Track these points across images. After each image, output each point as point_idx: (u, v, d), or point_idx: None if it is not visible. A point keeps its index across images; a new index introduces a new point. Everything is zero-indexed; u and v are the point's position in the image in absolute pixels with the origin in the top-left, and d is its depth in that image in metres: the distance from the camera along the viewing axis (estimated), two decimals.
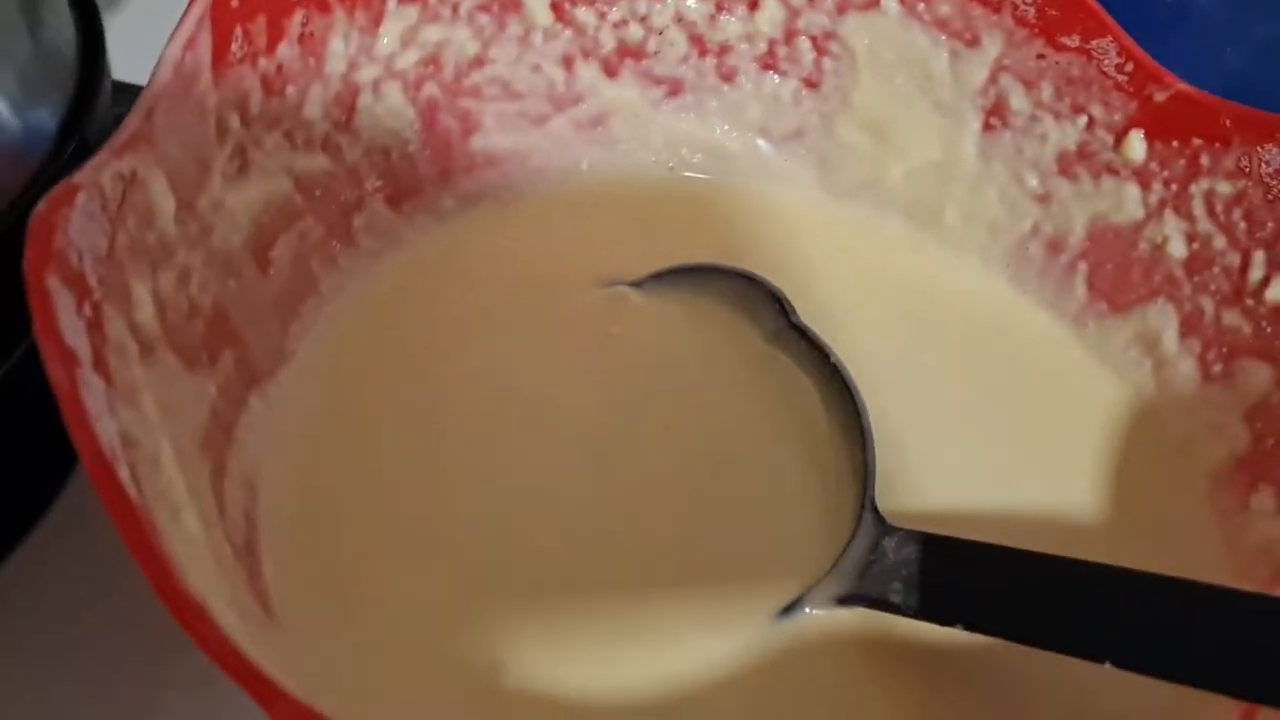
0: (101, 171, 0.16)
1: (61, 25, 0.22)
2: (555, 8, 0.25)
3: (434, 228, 0.25)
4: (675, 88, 0.27)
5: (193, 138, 0.19)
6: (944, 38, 0.26)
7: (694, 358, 0.24)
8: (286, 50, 0.21)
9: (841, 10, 0.26)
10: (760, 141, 0.28)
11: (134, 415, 0.15)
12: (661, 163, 0.27)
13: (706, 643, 0.21)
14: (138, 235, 0.17)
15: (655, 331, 0.25)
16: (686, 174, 0.28)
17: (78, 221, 0.15)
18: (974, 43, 0.26)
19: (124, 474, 0.14)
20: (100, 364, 0.15)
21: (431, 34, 0.24)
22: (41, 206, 0.15)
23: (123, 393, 0.15)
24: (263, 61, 0.21)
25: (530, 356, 0.24)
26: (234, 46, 0.20)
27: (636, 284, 0.25)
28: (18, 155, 0.21)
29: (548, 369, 0.24)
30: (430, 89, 0.24)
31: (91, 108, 0.21)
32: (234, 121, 0.20)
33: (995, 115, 0.26)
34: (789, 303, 0.24)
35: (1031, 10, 0.25)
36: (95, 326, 0.15)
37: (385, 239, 0.24)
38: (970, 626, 0.19)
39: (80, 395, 0.13)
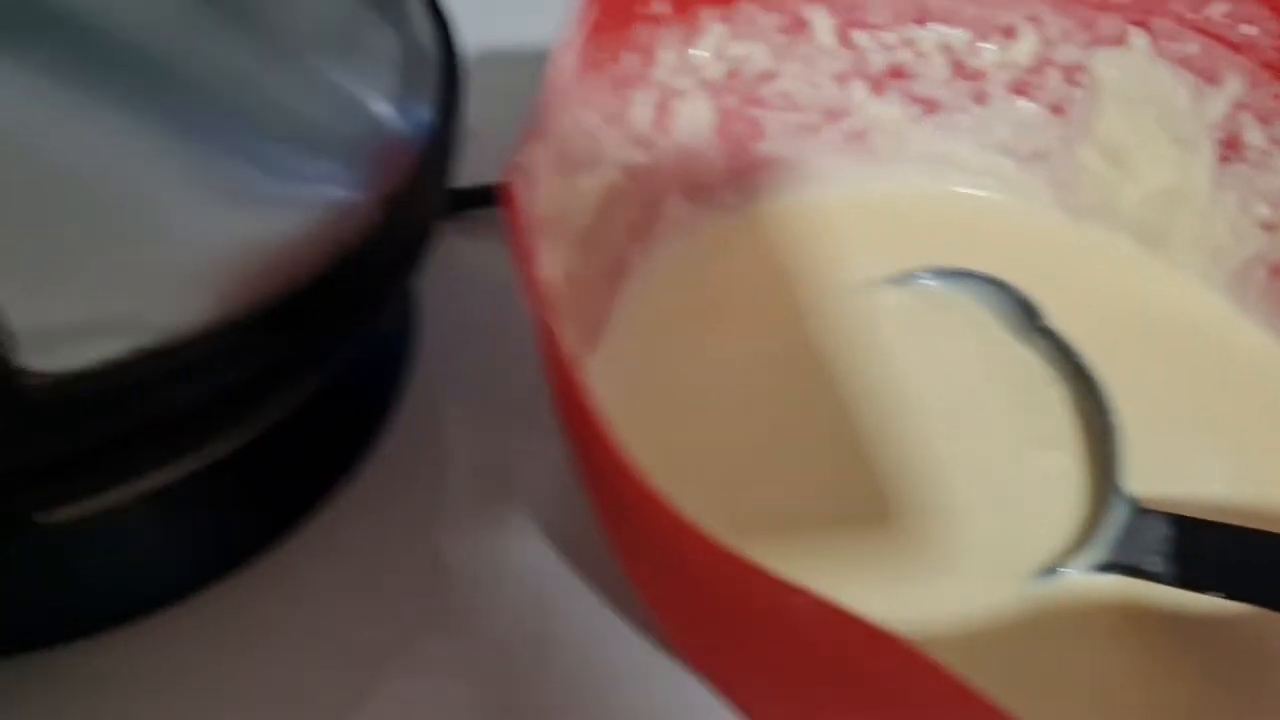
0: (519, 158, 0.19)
1: (416, 19, 0.26)
2: (839, 31, 0.28)
3: (719, 220, 0.29)
4: (932, 107, 0.30)
5: (562, 130, 0.23)
6: (1187, 75, 0.28)
7: (947, 345, 0.27)
8: (628, 58, 0.25)
9: (1092, 45, 0.29)
10: (1004, 160, 0.30)
11: None
12: (915, 174, 0.30)
13: (965, 594, 0.23)
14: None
15: (909, 319, 0.28)
16: (938, 186, 0.31)
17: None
18: (1215, 80, 0.28)
19: None
20: None
21: (736, 50, 0.27)
22: (507, 177, 0.18)
23: None
24: (611, 67, 0.24)
25: (798, 333, 0.27)
26: (598, 53, 0.23)
27: (891, 280, 0.28)
28: (389, 149, 0.24)
29: (814, 344, 0.27)
30: (729, 98, 0.28)
31: (455, 103, 0.24)
32: (589, 118, 0.24)
33: (1230, 148, 0.29)
34: (1037, 308, 0.27)
35: (1274, 53, 0.27)
36: None
37: (680, 227, 0.28)
38: (1227, 594, 0.21)
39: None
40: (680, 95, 0.27)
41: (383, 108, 0.23)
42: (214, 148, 0.21)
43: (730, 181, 0.29)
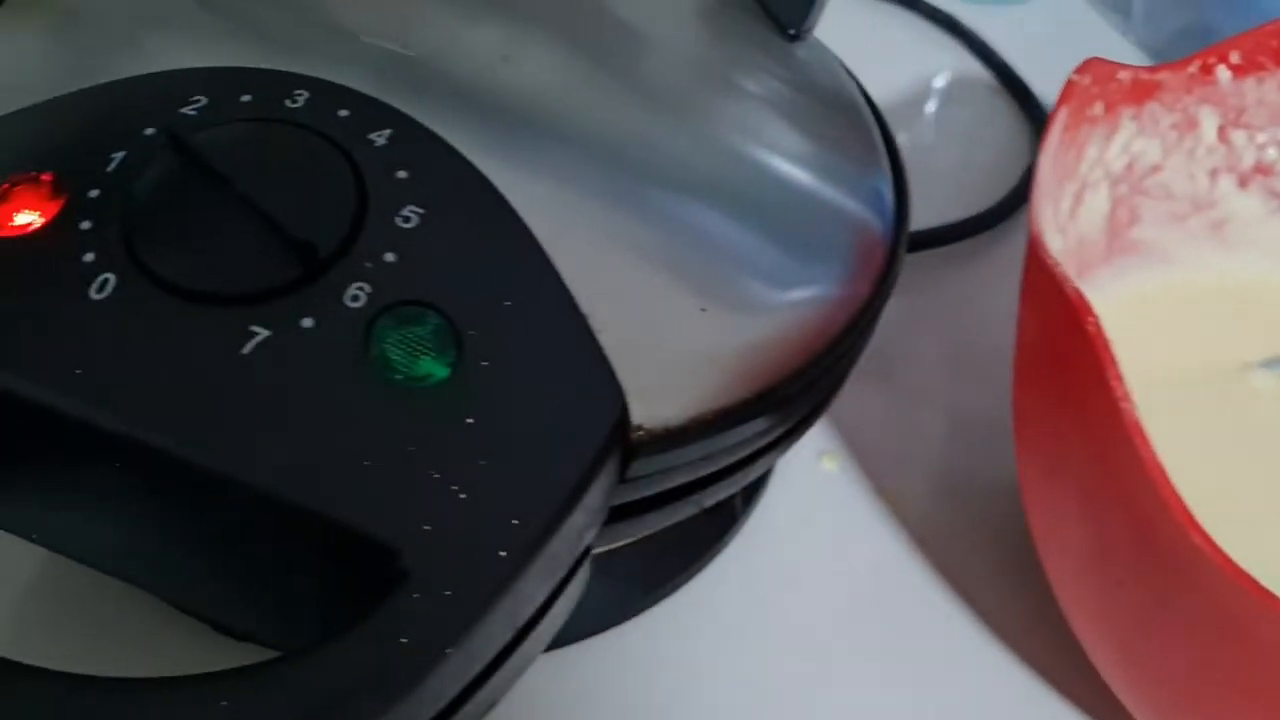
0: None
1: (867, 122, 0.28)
2: (1220, 130, 0.30)
3: (1093, 296, 0.30)
4: None
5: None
6: None
7: None
8: (1066, 154, 0.27)
9: None
10: None
11: None
12: (1271, 263, 0.32)
13: None
14: None
15: None
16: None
17: None
18: None
19: None
20: None
21: (1137, 145, 0.29)
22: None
23: None
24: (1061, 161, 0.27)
25: (1185, 406, 0.29)
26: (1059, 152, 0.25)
27: (1264, 364, 0.30)
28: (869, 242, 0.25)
29: (1202, 419, 0.29)
30: (1122, 188, 0.30)
31: (905, 191, 0.26)
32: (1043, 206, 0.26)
33: None
34: None
35: None
36: None
37: None
38: None
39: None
40: (1090, 186, 0.29)
41: (859, 206, 0.25)
42: (735, 252, 0.23)
43: (1105, 261, 0.31)
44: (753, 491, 0.30)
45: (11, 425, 0.18)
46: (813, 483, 0.31)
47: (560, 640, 0.26)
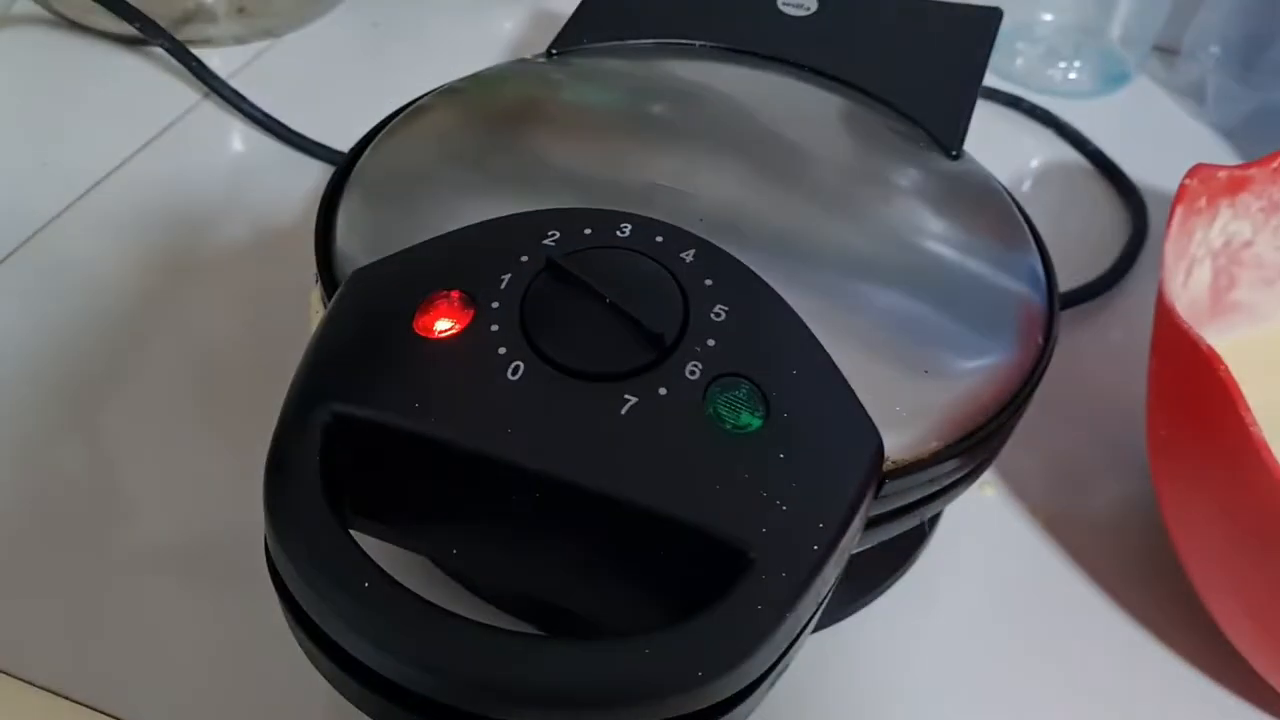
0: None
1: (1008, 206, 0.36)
2: None
3: None
4: None
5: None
6: None
7: None
8: (1181, 238, 0.34)
9: None
10: None
11: None
12: None
13: None
14: None
15: None
16: None
17: None
18: None
19: None
20: None
21: (1233, 226, 0.37)
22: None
23: None
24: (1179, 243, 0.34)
25: None
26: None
27: None
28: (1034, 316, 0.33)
29: None
30: (1221, 260, 0.37)
31: (1052, 273, 0.34)
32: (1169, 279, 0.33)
33: None
34: None
35: None
36: None
37: None
38: None
39: None
40: (1197, 261, 0.36)
41: (1023, 287, 0.32)
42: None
43: (1209, 322, 0.38)
44: (934, 516, 0.37)
45: (459, 477, 0.26)
46: (977, 508, 0.38)
47: None
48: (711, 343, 0.27)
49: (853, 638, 0.34)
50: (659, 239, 0.29)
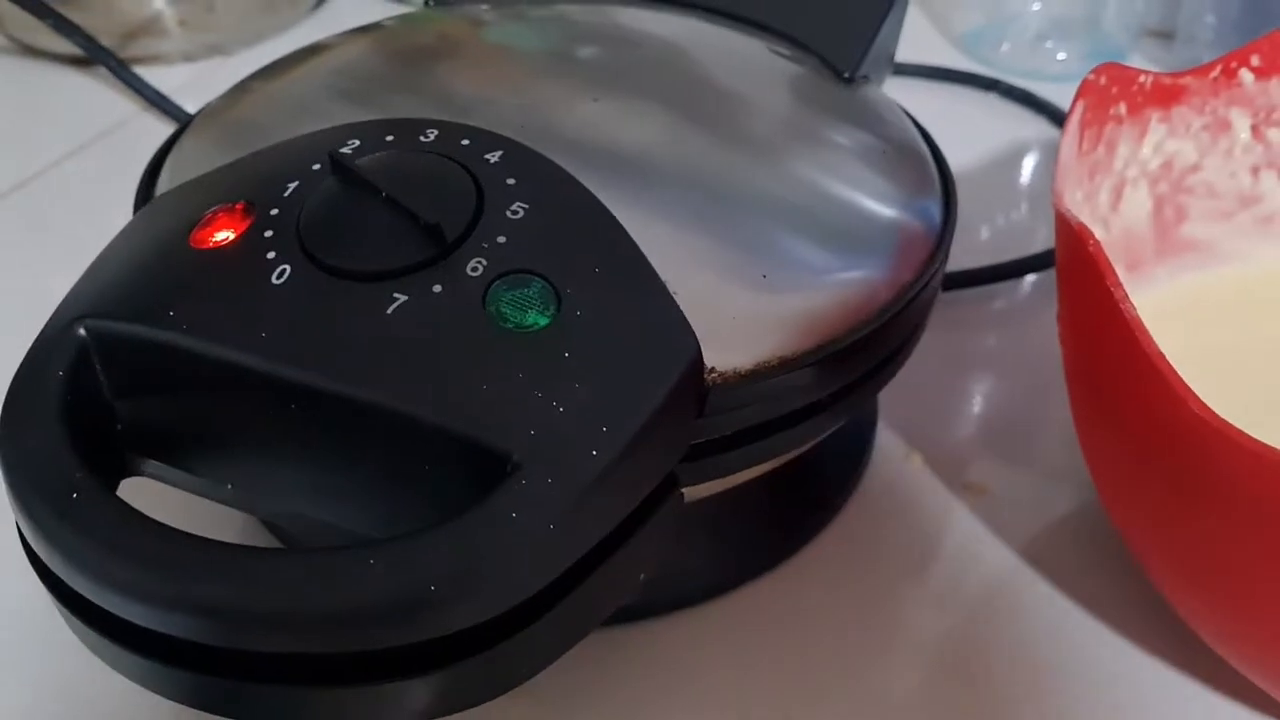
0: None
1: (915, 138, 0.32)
2: (1254, 129, 0.33)
3: (1148, 290, 0.33)
4: None
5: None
6: None
7: None
8: (1098, 151, 0.30)
9: None
10: None
11: None
12: None
13: None
14: None
15: None
16: None
17: None
18: None
19: None
20: None
21: (1171, 146, 0.32)
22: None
23: None
24: (1090, 156, 0.30)
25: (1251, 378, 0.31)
26: (1081, 145, 0.29)
27: None
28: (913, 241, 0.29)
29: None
30: (1163, 186, 0.33)
31: (953, 201, 0.30)
32: (1074, 195, 0.29)
33: None
34: None
35: None
36: None
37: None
38: None
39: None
40: (1130, 183, 0.32)
41: (904, 212, 0.29)
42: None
43: (1158, 259, 0.33)
44: (847, 481, 0.33)
45: (212, 385, 0.23)
46: (902, 477, 0.34)
47: (677, 603, 0.30)
48: (502, 239, 0.24)
49: (754, 601, 0.30)
50: (465, 142, 0.26)
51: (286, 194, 0.25)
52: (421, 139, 0.26)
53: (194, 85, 0.54)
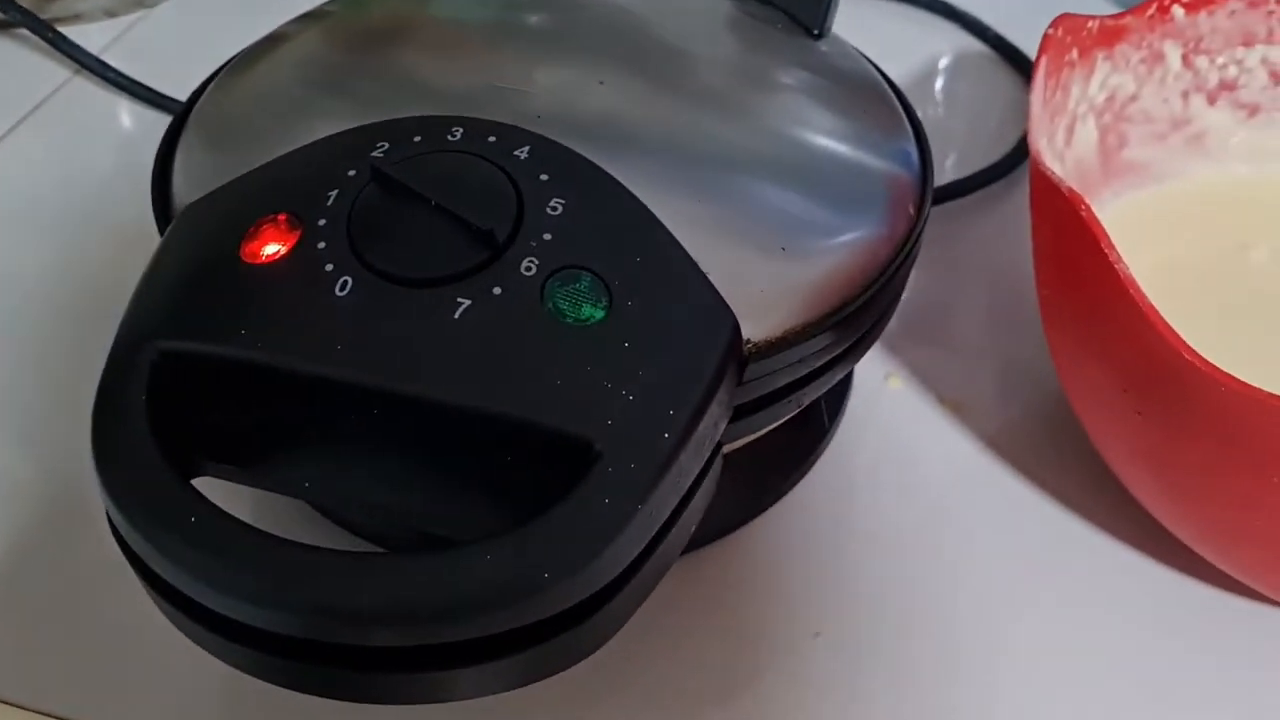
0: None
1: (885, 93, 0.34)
2: (1184, 58, 0.36)
3: (1097, 212, 0.36)
4: (1254, 110, 0.38)
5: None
6: None
7: None
8: (1058, 94, 0.33)
9: None
10: None
11: None
12: (1239, 167, 0.38)
13: None
14: None
15: None
16: (1260, 174, 0.38)
17: None
18: None
19: None
20: None
21: (1114, 80, 0.35)
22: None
23: None
24: (1052, 101, 0.33)
25: (1194, 285, 0.34)
26: (1046, 92, 0.32)
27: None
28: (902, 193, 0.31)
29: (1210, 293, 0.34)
30: (1106, 118, 0.36)
31: (927, 147, 0.32)
32: (1039, 137, 0.32)
33: None
34: None
35: None
36: None
37: None
38: None
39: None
40: (1080, 119, 0.35)
41: (891, 165, 0.31)
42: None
43: (1104, 182, 0.37)
44: (836, 409, 0.36)
45: (290, 396, 0.25)
46: (883, 400, 0.37)
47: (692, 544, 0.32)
48: (548, 237, 0.25)
49: (766, 533, 0.33)
50: (492, 139, 0.27)
51: (330, 203, 0.26)
52: (449, 138, 0.27)
53: (121, 43, 0.52)
